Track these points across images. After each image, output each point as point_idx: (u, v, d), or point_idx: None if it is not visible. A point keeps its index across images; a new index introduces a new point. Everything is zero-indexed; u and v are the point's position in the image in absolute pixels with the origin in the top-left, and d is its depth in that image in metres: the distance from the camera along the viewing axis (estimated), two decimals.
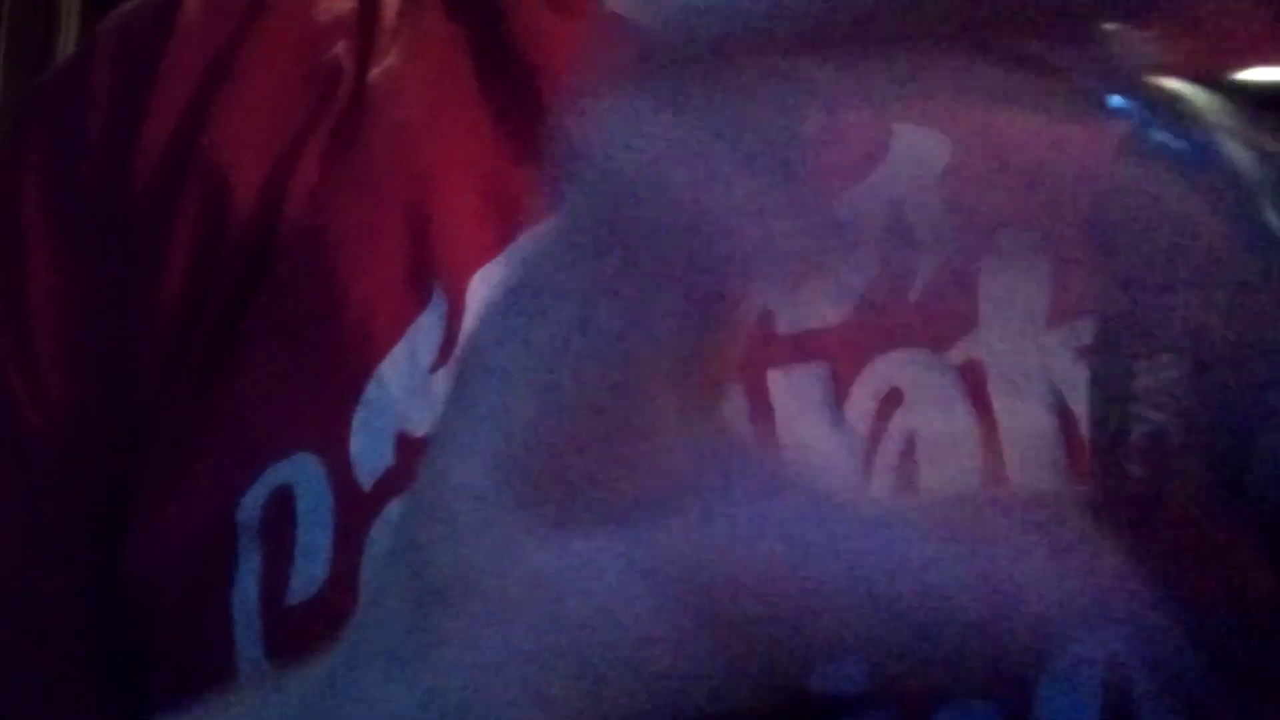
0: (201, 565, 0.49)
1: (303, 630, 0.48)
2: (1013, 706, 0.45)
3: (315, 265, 0.51)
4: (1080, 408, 0.46)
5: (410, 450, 0.47)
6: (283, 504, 0.48)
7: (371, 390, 0.48)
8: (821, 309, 0.48)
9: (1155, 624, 0.45)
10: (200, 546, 0.49)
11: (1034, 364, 0.47)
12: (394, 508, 0.47)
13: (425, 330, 0.49)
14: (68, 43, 2.05)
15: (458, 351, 0.48)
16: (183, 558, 0.50)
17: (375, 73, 0.53)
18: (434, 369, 0.48)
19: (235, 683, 0.49)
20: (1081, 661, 0.45)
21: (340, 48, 0.54)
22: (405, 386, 0.48)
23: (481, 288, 0.49)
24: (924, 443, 0.46)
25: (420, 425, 0.47)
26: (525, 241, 0.49)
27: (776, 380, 0.47)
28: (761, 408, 0.47)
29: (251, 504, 0.49)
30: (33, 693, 0.53)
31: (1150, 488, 0.37)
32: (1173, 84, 0.36)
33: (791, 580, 0.31)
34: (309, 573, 0.48)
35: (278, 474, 0.49)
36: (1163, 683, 0.45)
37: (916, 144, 0.51)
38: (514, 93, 0.53)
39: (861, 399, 0.47)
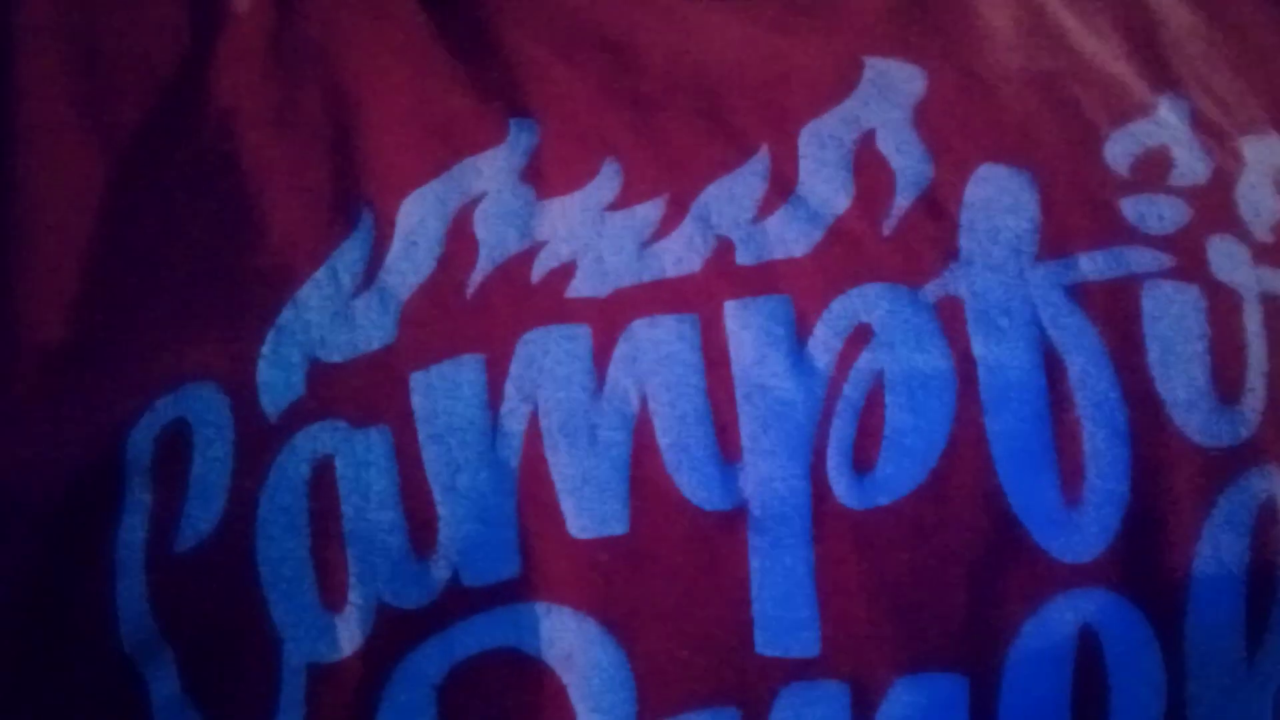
0: (80, 505, 0.44)
1: (193, 578, 0.43)
2: (980, 677, 0.42)
3: (230, 191, 0.46)
4: (1067, 350, 0.43)
5: (324, 378, 0.43)
6: (178, 439, 0.44)
7: (286, 316, 0.44)
8: (787, 240, 0.44)
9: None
10: (81, 483, 0.44)
11: (1018, 302, 0.44)
12: (301, 439, 0.42)
13: (350, 254, 0.45)
14: None
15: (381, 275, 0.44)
16: (59, 496, 0.45)
17: None
18: (356, 294, 0.44)
19: (116, 643, 0.44)
20: (1054, 629, 0.42)
21: None
22: (325, 311, 0.44)
23: (412, 211, 0.45)
24: (894, 382, 0.43)
25: (337, 351, 0.43)
26: (463, 169, 0.46)
27: (733, 312, 0.43)
28: (716, 340, 0.43)
29: (142, 439, 0.44)
30: None
31: None
32: None
33: None
34: (202, 514, 0.43)
35: (172, 407, 0.44)
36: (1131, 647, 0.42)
37: (889, 75, 0.48)
38: (458, 17, 0.49)
39: (826, 334, 0.43)
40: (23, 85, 0.47)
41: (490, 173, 0.46)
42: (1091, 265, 0.44)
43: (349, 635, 0.42)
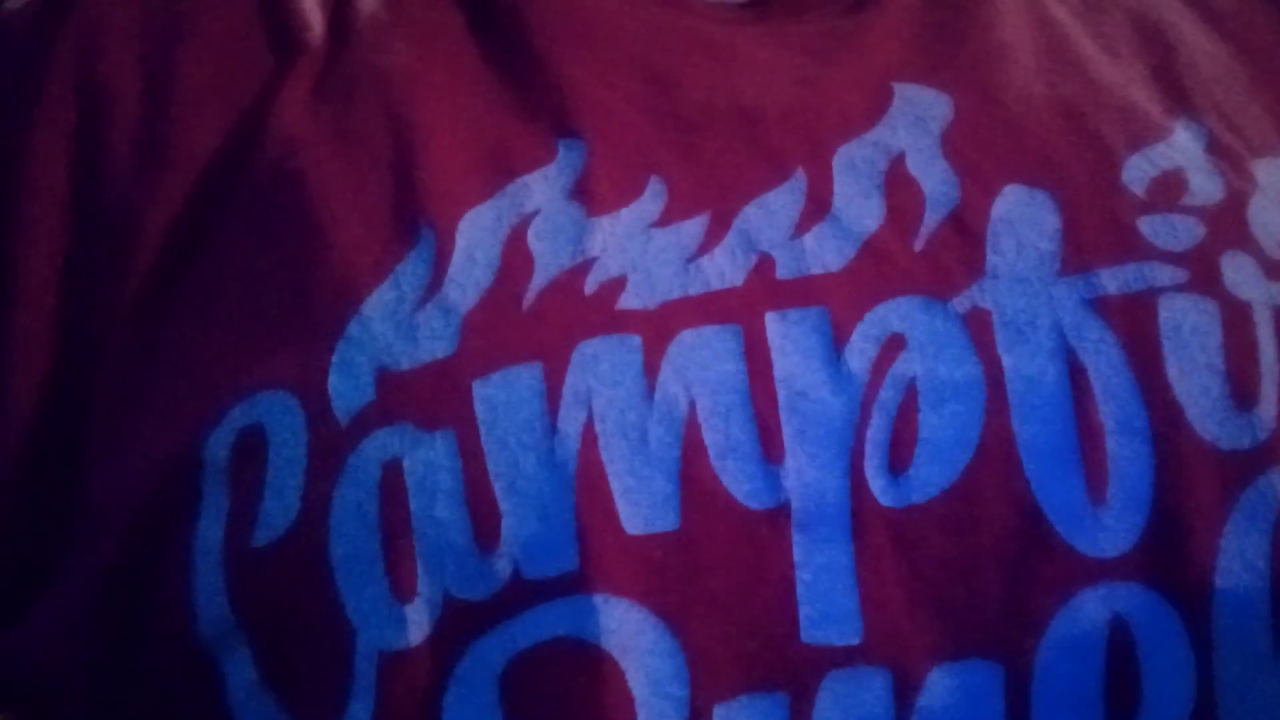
0: (160, 507, 0.47)
1: (268, 573, 0.45)
2: (1014, 665, 0.44)
3: (295, 211, 0.49)
4: (1090, 359, 0.46)
5: (391, 385, 0.45)
6: (253, 443, 0.46)
7: (354, 327, 0.46)
8: (823, 255, 0.47)
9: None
10: (160, 486, 0.47)
11: (1043, 314, 0.46)
12: (371, 442, 0.45)
13: (412, 269, 0.47)
14: None
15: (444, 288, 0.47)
16: (138, 499, 0.47)
17: (360, 23, 0.52)
18: (419, 306, 0.46)
19: (194, 635, 0.46)
20: (1085, 620, 0.44)
21: (308, 4, 0.52)
22: (390, 323, 0.46)
23: (470, 229, 0.47)
24: (926, 388, 0.45)
25: (403, 360, 0.46)
26: (515, 188, 0.48)
27: (774, 323, 0.46)
28: (758, 349, 0.45)
29: (219, 443, 0.46)
30: None
31: None
32: None
33: None
34: (278, 512, 0.45)
35: (246, 413, 0.46)
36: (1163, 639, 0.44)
37: (917, 101, 0.50)
38: (506, 43, 0.51)
39: (861, 343, 0.46)
40: (108, 112, 0.50)
41: (541, 191, 0.48)
42: (1111, 280, 0.47)
43: (418, 624, 0.44)
